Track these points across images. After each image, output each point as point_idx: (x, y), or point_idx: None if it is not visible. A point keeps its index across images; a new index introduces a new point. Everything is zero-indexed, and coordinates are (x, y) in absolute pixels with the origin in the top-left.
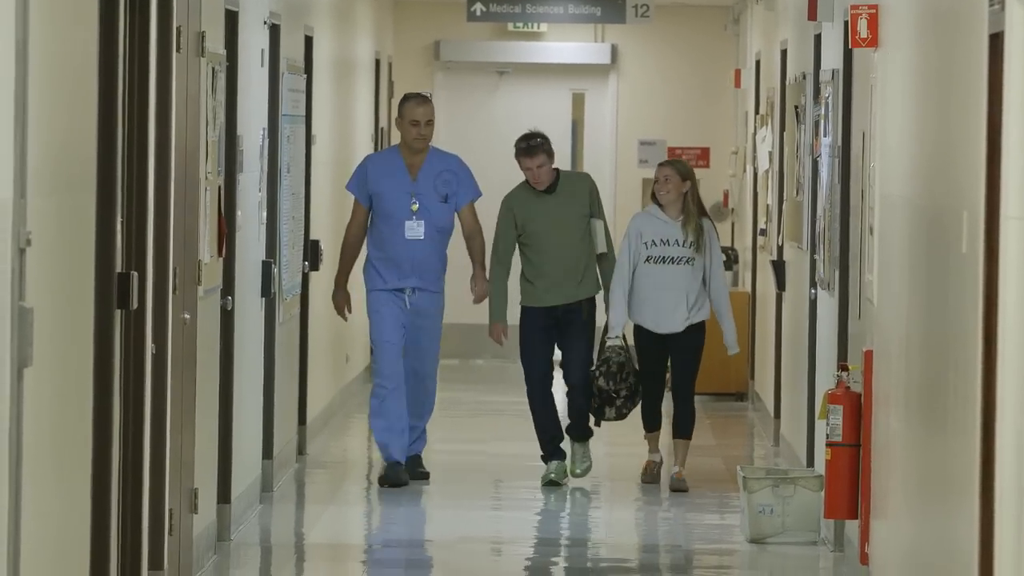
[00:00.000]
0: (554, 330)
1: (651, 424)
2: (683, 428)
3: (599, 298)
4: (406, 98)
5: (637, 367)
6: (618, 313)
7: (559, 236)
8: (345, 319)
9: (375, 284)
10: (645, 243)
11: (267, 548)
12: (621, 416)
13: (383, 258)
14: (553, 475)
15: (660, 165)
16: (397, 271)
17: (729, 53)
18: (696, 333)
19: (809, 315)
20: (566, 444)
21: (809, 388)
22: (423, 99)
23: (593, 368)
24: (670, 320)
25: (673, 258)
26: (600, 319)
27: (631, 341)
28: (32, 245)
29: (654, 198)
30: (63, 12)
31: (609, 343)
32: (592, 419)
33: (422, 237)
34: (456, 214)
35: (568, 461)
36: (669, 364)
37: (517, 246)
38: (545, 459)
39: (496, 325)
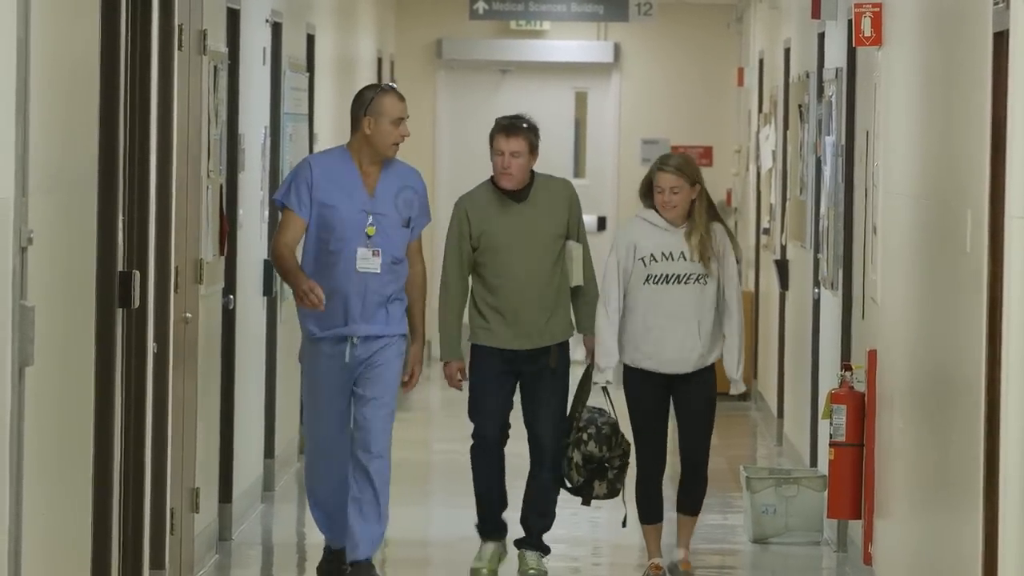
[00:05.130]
0: (512, 380)
1: (650, 511)
2: (691, 502)
3: (574, 343)
4: (381, 90)
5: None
6: (607, 347)
7: (525, 257)
8: (323, 307)
9: (311, 330)
10: (642, 259)
11: (268, 548)
12: (614, 492)
13: (324, 296)
14: (485, 568)
15: (661, 171)
16: (340, 313)
17: (732, 51)
18: (709, 374)
19: (812, 314)
20: (507, 514)
21: (812, 388)
22: (399, 92)
23: (578, 431)
24: (678, 357)
25: (679, 276)
26: (575, 371)
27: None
28: (33, 244)
29: (645, 197)
30: (64, 10)
31: (595, 382)
32: (572, 498)
33: (378, 270)
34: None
35: (517, 558)
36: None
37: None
38: (481, 531)
39: (451, 364)
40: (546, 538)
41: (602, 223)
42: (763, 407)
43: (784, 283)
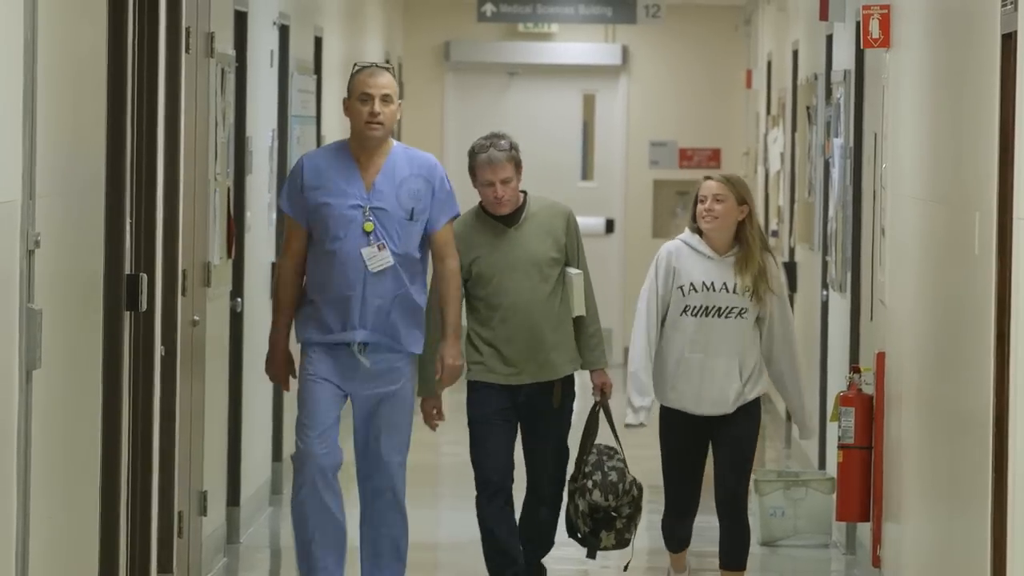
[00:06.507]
0: (514, 418)
1: (678, 540)
2: (735, 555)
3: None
4: (355, 68)
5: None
6: (640, 385)
7: (520, 285)
8: (287, 388)
9: (309, 335)
10: (681, 287)
11: (276, 551)
12: (623, 543)
13: (323, 300)
14: None
15: (707, 179)
16: (339, 318)
17: (740, 53)
18: (751, 413)
19: (821, 317)
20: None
21: (821, 390)
22: (379, 68)
23: (583, 477)
24: (717, 396)
25: (720, 308)
26: (579, 403)
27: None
28: (41, 246)
29: (693, 221)
30: (72, 13)
31: (628, 423)
32: (578, 548)
33: (391, 262)
34: (427, 238)
35: None
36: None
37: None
38: None
39: (426, 401)
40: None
41: (610, 226)
42: (771, 409)
43: (792, 285)
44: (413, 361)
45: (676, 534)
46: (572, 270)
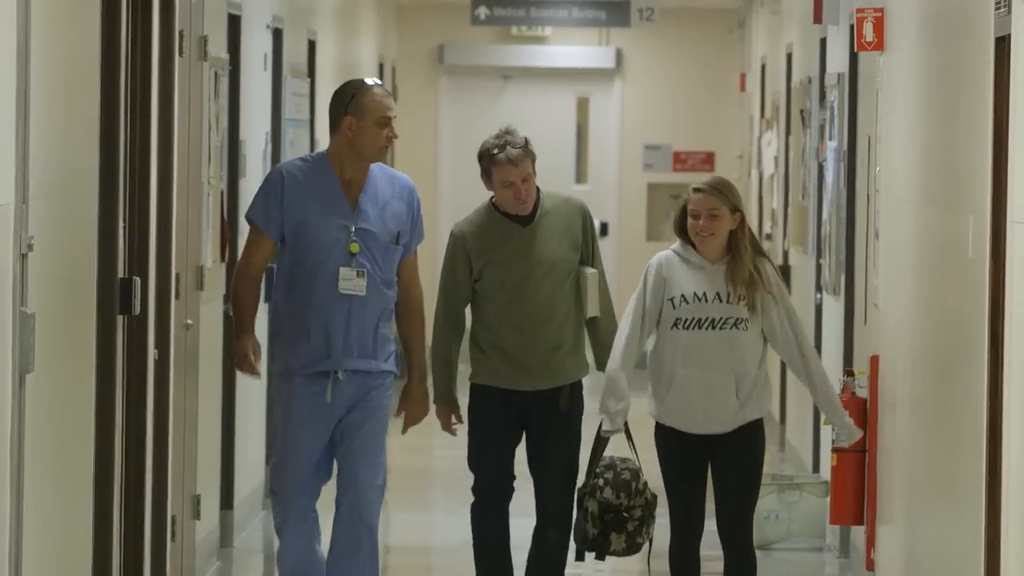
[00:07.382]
0: (518, 424)
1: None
2: None
3: (589, 381)
4: (364, 86)
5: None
6: (615, 388)
7: (536, 288)
8: (258, 374)
9: (286, 364)
10: (672, 299)
11: (270, 555)
12: (634, 548)
13: (300, 325)
14: None
15: (697, 191)
16: (321, 344)
17: (734, 57)
18: (753, 434)
19: (815, 320)
20: None
21: None
22: (386, 89)
23: (594, 476)
24: (712, 415)
25: (713, 320)
26: (589, 410)
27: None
28: (34, 250)
29: (680, 232)
30: (64, 16)
31: (605, 430)
32: (584, 553)
33: (363, 292)
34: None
35: None
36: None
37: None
38: None
39: (443, 406)
40: None
41: (604, 229)
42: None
43: (787, 288)
44: (392, 380)
45: (681, 557)
46: (588, 269)
